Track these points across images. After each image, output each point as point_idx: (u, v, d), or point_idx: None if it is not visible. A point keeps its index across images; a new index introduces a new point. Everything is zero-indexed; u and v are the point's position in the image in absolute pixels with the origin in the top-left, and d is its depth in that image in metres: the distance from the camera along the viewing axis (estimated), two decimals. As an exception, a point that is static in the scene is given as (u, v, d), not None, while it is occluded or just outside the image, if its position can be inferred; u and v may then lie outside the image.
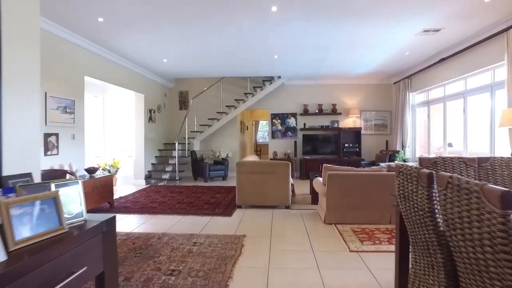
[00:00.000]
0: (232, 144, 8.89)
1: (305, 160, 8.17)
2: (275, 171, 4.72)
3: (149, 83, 7.73)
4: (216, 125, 8.38)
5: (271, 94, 8.68)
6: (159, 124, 8.38)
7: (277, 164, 4.75)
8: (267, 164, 4.77)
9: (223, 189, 6.57)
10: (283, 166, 4.72)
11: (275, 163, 4.76)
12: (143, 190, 6.52)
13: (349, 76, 8.11)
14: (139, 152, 7.45)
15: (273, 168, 4.73)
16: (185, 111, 8.77)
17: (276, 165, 4.74)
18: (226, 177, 8.18)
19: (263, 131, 18.78)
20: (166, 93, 8.84)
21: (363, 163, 7.74)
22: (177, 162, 7.47)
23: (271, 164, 4.77)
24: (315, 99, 8.75)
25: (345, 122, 8.72)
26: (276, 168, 4.73)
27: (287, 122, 8.80)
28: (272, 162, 4.79)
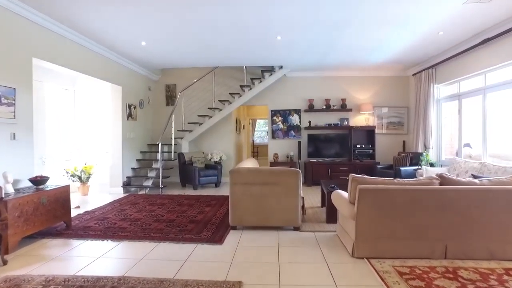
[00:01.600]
0: (227, 145, 7.75)
1: (311, 164, 7.05)
2: (281, 181, 3.60)
3: (127, 73, 6.56)
4: (208, 123, 7.23)
5: (271, 87, 7.55)
6: (142, 122, 7.21)
7: (283, 172, 3.62)
8: (270, 173, 3.64)
9: (214, 200, 5.43)
10: (291, 176, 3.59)
11: (280, 172, 3.63)
12: (117, 202, 5.36)
13: (361, 66, 7.01)
14: (116, 155, 6.28)
15: (278, 177, 3.60)
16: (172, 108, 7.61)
17: (282, 174, 3.61)
18: (219, 183, 7.03)
19: (260, 131, 17.68)
20: (150, 87, 7.67)
21: (380, 167, 6.64)
22: (161, 167, 6.31)
23: (276, 172, 3.63)
24: (322, 93, 7.64)
25: (356, 120, 7.62)
26: (282, 177, 3.60)
27: (290, 120, 7.67)
28: (276, 170, 3.66)
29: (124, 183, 6.30)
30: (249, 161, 4.88)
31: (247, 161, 4.73)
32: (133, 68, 6.70)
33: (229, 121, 7.76)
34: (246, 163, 4.44)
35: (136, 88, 6.90)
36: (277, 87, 7.65)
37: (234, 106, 7.21)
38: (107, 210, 4.73)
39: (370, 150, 7.24)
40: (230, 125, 7.78)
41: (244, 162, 4.38)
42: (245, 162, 4.44)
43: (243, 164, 4.13)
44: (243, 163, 4.30)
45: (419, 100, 6.71)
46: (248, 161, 4.78)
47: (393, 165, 6.66)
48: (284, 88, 7.69)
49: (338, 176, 7.01)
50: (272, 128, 7.71)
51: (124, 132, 6.39)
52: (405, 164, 6.33)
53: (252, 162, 4.90)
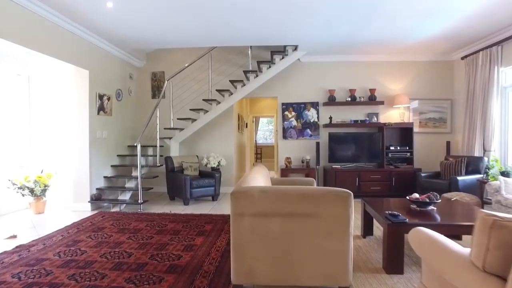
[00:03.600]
0: (226, 147, 6.26)
1: (334, 171, 5.55)
2: (320, 211, 2.10)
3: (98, 54, 5.07)
4: (203, 119, 5.74)
5: (283, 75, 6.07)
6: (119, 118, 5.71)
7: (323, 196, 2.12)
8: (302, 197, 2.12)
9: (210, 222, 3.94)
10: (338, 201, 2.10)
11: (319, 195, 2.12)
12: (76, 226, 3.86)
13: (397, 46, 5.52)
14: (82, 160, 4.78)
15: (316, 205, 2.10)
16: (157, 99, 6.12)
17: (322, 199, 2.11)
18: (217, 196, 5.54)
19: (263, 130, 16.22)
20: (131, 74, 6.18)
21: (424, 176, 5.14)
22: (140, 176, 4.80)
23: (311, 196, 2.12)
24: (345, 83, 6.14)
25: (388, 116, 6.12)
26: (321, 205, 2.10)
27: (305, 116, 6.18)
28: (312, 192, 2.15)
29: (92, 197, 4.81)
30: (257, 170, 3.39)
31: (255, 172, 3.24)
32: (106, 48, 5.20)
33: (230, 117, 6.27)
34: (255, 176, 2.94)
35: (110, 74, 5.41)
36: (289, 74, 6.17)
37: (236, 97, 5.72)
38: (53, 243, 3.23)
39: (407, 154, 5.74)
40: (230, 122, 6.29)
41: (251, 175, 2.88)
42: (253, 175, 2.94)
43: (252, 179, 2.64)
44: (250, 176, 2.80)
45: (473, 90, 5.22)
46: (257, 172, 3.28)
47: (441, 172, 5.16)
48: (299, 76, 6.20)
49: (369, 187, 5.52)
50: (284, 125, 6.21)
51: (93, 130, 4.90)
52: (459, 172, 4.84)
53: (262, 174, 3.41)
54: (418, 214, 2.75)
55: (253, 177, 2.72)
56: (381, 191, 5.52)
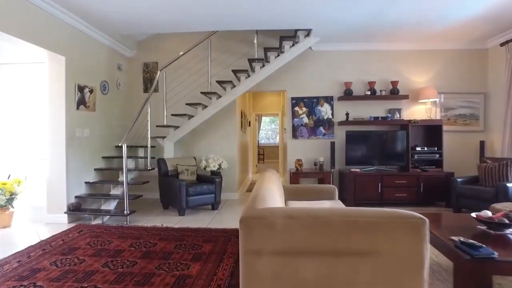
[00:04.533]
0: (228, 147, 5.51)
1: (353, 175, 4.80)
2: (377, 248, 1.35)
3: (77, 38, 4.31)
4: (201, 115, 4.99)
5: (292, 66, 5.32)
6: (105, 114, 4.96)
7: (382, 224, 1.37)
8: (353, 225, 1.37)
9: (210, 241, 3.18)
10: (405, 233, 1.35)
11: (376, 222, 1.37)
12: (40, 247, 3.10)
13: (422, 33, 4.78)
14: (57, 164, 4.02)
15: (371, 237, 1.36)
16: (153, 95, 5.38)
17: (381, 228, 1.36)
18: (218, 205, 4.78)
19: (266, 130, 15.49)
20: (120, 65, 5.42)
21: (460, 181, 4.39)
22: (127, 182, 4.04)
23: (364, 224, 1.37)
24: (364, 74, 5.40)
25: (413, 112, 5.38)
26: (380, 237, 1.36)
27: (318, 112, 5.43)
28: (363, 217, 1.40)
29: (70, 208, 4.05)
30: (270, 179, 2.64)
31: (269, 180, 2.49)
32: (89, 32, 4.45)
33: (232, 113, 5.52)
34: (269, 187, 2.19)
35: (94, 63, 4.65)
36: (300, 65, 5.42)
37: (240, 90, 4.96)
38: (1, 275, 2.48)
39: (435, 155, 4.99)
40: (233, 119, 5.54)
41: (265, 186, 2.13)
42: (267, 186, 2.18)
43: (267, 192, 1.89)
44: (264, 188, 2.05)
45: (516, 81, 4.48)
46: (270, 180, 2.54)
47: (479, 178, 4.41)
48: (310, 67, 5.45)
49: (393, 194, 4.76)
50: (293, 123, 5.45)
51: (71, 128, 4.14)
52: (504, 177, 4.09)
53: (276, 184, 2.67)
54: (498, 241, 2.00)
55: (268, 190, 1.96)
56: (407, 198, 4.77)
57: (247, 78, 4.92)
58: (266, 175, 2.75)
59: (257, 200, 1.60)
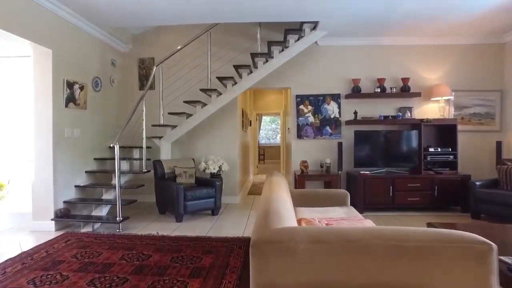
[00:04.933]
0: (229, 148, 5.19)
1: (362, 178, 4.49)
2: (429, 280, 1.04)
3: (66, 30, 3.99)
4: (200, 114, 4.67)
5: (297, 61, 5.01)
6: (97, 112, 4.64)
7: (435, 249, 1.06)
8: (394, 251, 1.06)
9: (210, 252, 2.86)
10: (465, 262, 1.04)
11: (427, 247, 1.06)
12: (19, 261, 2.78)
13: (435, 27, 4.48)
14: (43, 166, 3.70)
15: (421, 267, 1.05)
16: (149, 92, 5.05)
17: (434, 255, 1.05)
18: (218, 210, 4.47)
19: (266, 130, 15.19)
20: (114, 60, 5.10)
21: (479, 184, 4.08)
22: (119, 187, 3.72)
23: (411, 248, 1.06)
24: (373, 71, 5.09)
25: (424, 110, 5.07)
26: (432, 267, 1.04)
27: (324, 110, 5.12)
28: (409, 239, 1.10)
29: (57, 214, 3.72)
30: (278, 184, 2.33)
31: (278, 187, 2.18)
32: (77, 23, 4.12)
33: (233, 112, 5.20)
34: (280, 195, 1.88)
35: (85, 58, 4.33)
36: (305, 61, 5.11)
37: (242, 87, 4.64)
38: (-25, 294, 2.16)
39: (449, 156, 4.68)
40: (233, 118, 5.23)
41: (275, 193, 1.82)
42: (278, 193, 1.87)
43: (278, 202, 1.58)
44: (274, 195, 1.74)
45: (538, 77, 4.18)
46: (279, 186, 2.23)
47: (499, 181, 4.11)
48: (316, 62, 5.14)
49: (405, 198, 4.46)
50: (298, 122, 5.14)
51: (60, 127, 3.82)
52: (527, 180, 3.79)
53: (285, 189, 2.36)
54: None
55: (281, 201, 1.65)
56: (421, 202, 4.47)
57: (249, 75, 4.61)
58: (273, 180, 2.43)
59: (269, 216, 1.29)
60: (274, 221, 1.23)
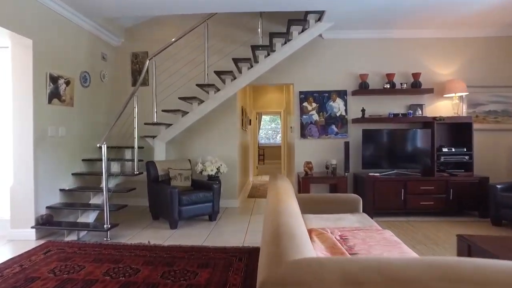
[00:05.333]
0: (228, 148, 4.86)
1: (371, 180, 4.17)
2: None
3: (49, 18, 3.66)
4: (197, 111, 4.33)
5: (300, 55, 4.69)
6: (86, 109, 4.31)
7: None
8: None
9: (206, 266, 2.52)
10: None
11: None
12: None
13: (449, 18, 4.16)
14: (23, 168, 3.36)
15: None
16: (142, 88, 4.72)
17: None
18: (216, 215, 4.13)
19: (266, 129, 14.87)
20: (104, 54, 4.76)
21: (500, 188, 3.76)
22: (106, 191, 3.38)
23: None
24: (381, 66, 4.77)
25: (437, 107, 4.76)
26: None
27: (330, 108, 4.79)
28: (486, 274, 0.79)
29: (38, 221, 3.38)
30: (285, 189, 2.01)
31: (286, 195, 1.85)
32: (62, 12, 3.78)
33: (232, 110, 4.87)
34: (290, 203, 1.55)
35: (71, 50, 3.99)
36: (309, 55, 4.78)
37: (242, 82, 4.31)
38: None
39: (464, 157, 4.37)
40: (233, 116, 4.89)
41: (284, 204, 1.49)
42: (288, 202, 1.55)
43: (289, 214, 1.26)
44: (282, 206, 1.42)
45: (562, 71, 3.86)
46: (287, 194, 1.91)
47: (521, 183, 3.79)
48: (320, 57, 4.81)
49: (418, 202, 4.13)
50: (302, 120, 4.81)
51: (42, 125, 3.48)
52: (553, 183, 3.47)
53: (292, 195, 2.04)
54: None
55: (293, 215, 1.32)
56: (434, 207, 4.15)
57: (250, 69, 4.27)
58: (279, 186, 2.10)
59: (282, 242, 0.95)
60: (289, 248, 0.89)
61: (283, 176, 2.61)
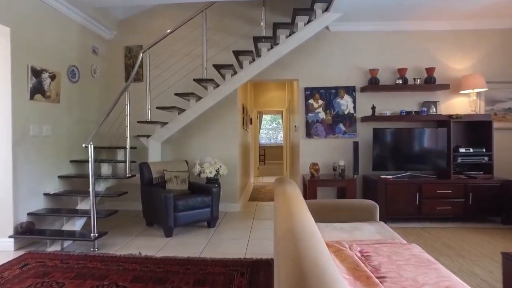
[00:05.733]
0: (228, 149, 4.54)
1: (384, 183, 3.85)
2: None
3: (32, 5, 3.32)
4: (194, 108, 4.00)
5: (305, 49, 4.38)
6: (74, 106, 3.99)
7: None
8: None
9: (204, 282, 2.21)
10: None
11: None
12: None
13: (466, 9, 3.83)
14: (1, 172, 3.03)
15: None
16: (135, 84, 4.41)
17: None
18: (215, 221, 3.81)
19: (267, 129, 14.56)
20: (95, 48, 4.44)
21: (525, 191, 3.43)
22: (93, 197, 3.05)
23: None
24: (392, 60, 4.44)
25: (452, 104, 4.44)
26: None
27: (337, 105, 4.47)
28: None
29: (18, 230, 3.05)
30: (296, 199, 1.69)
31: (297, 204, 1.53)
32: (50, 1, 3.46)
33: (233, 107, 4.55)
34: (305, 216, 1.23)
35: (57, 42, 3.66)
36: (314, 48, 4.46)
37: (243, 77, 3.98)
38: None
39: (483, 158, 4.05)
40: (233, 115, 4.57)
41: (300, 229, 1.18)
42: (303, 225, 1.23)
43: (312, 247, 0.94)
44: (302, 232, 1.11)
45: None
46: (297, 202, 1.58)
47: (549, 187, 3.47)
48: (328, 50, 4.49)
49: (434, 207, 3.81)
50: (307, 118, 4.49)
51: (23, 124, 3.16)
52: None
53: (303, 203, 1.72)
54: None
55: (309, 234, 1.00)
56: (452, 212, 3.82)
57: (252, 63, 3.94)
58: (287, 192, 1.78)
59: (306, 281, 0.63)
60: None
61: (290, 181, 2.28)
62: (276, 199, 1.76)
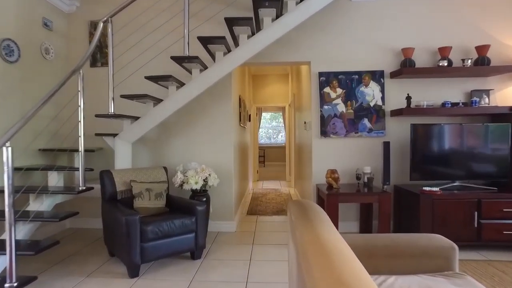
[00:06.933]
0: (220, 151, 3.53)
1: (430, 198, 2.85)
2: None
3: None
4: (175, 98, 2.99)
5: (319, 22, 3.38)
6: (10, 96, 2.98)
7: None
8: None
9: None
10: None
11: None
12: None
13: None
14: None
15: None
16: (102, 69, 3.41)
17: None
18: (201, 251, 2.79)
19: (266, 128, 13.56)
20: (48, 21, 3.42)
21: None
22: (11, 222, 2.04)
23: None
24: (431, 37, 3.45)
25: (507, 93, 3.45)
26: None
27: (360, 95, 3.46)
28: None
29: None
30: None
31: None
32: None
33: (226, 98, 3.54)
34: None
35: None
36: (330, 22, 3.46)
37: (240, 56, 2.95)
38: None
39: (556, 163, 3.06)
40: (227, 108, 3.56)
41: None
42: None
43: None
44: None
45: None
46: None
47: None
48: (348, 25, 3.49)
49: (499, 230, 2.82)
50: (322, 112, 3.48)
51: None
52: None
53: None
54: None
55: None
56: (521, 237, 2.84)
57: (250, 38, 2.93)
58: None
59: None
60: None
61: (320, 210, 1.29)
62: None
